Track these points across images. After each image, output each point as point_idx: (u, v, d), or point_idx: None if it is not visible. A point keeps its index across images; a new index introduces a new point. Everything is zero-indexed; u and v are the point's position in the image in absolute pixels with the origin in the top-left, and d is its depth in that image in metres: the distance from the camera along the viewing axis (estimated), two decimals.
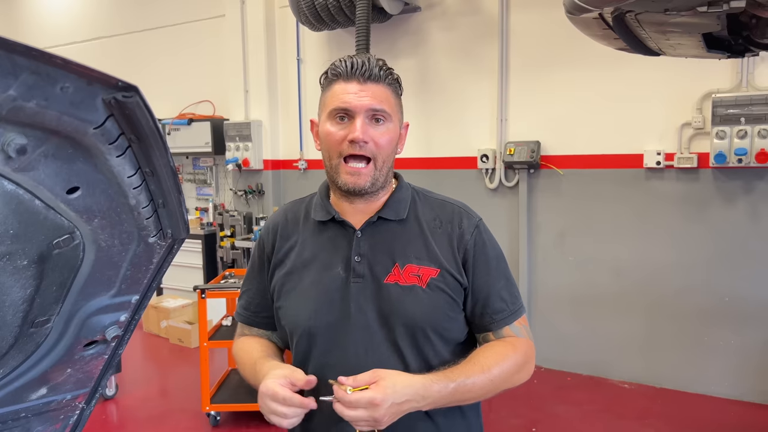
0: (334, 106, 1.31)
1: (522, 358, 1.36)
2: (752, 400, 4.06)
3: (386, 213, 1.38)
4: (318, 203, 1.43)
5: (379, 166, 1.32)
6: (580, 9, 1.82)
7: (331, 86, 1.35)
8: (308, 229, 1.43)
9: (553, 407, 4.05)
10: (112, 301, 0.97)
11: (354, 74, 1.31)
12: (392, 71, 1.35)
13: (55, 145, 0.68)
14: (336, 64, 1.34)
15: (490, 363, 1.30)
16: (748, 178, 3.98)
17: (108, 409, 4.22)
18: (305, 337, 1.36)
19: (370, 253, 1.35)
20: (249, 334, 1.53)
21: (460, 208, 1.44)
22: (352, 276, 1.34)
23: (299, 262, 1.40)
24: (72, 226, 0.79)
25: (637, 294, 4.39)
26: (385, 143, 1.32)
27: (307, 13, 4.91)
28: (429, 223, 1.39)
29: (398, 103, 1.37)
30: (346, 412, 1.17)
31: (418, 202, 1.43)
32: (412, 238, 1.37)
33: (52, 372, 1.00)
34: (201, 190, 6.60)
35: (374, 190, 1.35)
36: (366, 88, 1.30)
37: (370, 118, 1.30)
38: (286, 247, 1.43)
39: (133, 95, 0.65)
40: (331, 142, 1.32)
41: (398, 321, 1.31)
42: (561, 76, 4.53)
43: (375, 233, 1.37)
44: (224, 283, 4.07)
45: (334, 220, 1.39)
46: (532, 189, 4.73)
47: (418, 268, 1.34)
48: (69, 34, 7.20)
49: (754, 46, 2.13)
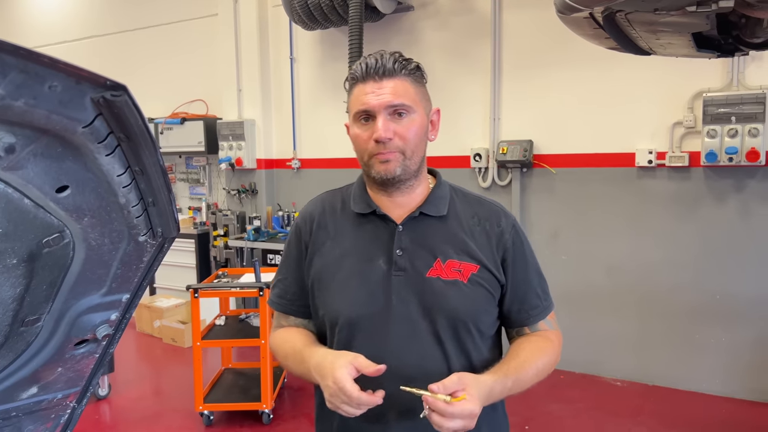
0: (356, 109, 1.34)
1: (557, 350, 1.46)
2: (743, 397, 4.09)
3: (427, 209, 1.41)
4: (357, 195, 1.45)
5: (408, 155, 1.34)
6: (570, 8, 1.83)
7: (352, 91, 1.37)
8: (346, 220, 1.45)
9: (546, 405, 4.07)
10: (102, 300, 0.97)
11: (369, 74, 1.32)
12: (408, 62, 1.36)
13: (44, 143, 0.68)
14: (353, 68, 1.36)
15: (535, 357, 1.38)
16: (738, 176, 4.01)
17: (101, 409, 4.21)
18: (346, 326, 1.38)
19: (411, 247, 1.38)
20: (286, 324, 1.53)
21: (497, 206, 1.48)
22: (393, 269, 1.37)
23: (338, 253, 1.42)
24: (62, 224, 0.79)
25: (629, 292, 4.42)
26: (411, 135, 1.33)
27: (300, 12, 4.91)
28: (468, 221, 1.43)
29: (421, 92, 1.38)
30: (446, 424, 1.17)
31: (456, 200, 1.46)
32: (452, 235, 1.40)
33: (42, 371, 1.00)
34: (194, 190, 6.59)
35: (407, 178, 1.37)
36: (382, 86, 1.31)
37: (392, 113, 1.32)
38: (324, 235, 1.45)
39: (121, 94, 0.66)
40: (359, 143, 1.36)
41: (441, 314, 1.35)
42: (553, 76, 4.54)
43: (416, 228, 1.40)
44: (217, 283, 4.06)
45: (375, 213, 1.41)
46: (524, 188, 4.75)
47: (459, 263, 1.37)
48: (61, 33, 7.16)
49: (744, 45, 2.14)
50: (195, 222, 6.24)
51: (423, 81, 1.40)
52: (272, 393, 3.88)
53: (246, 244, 5.54)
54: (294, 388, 4.45)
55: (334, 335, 1.41)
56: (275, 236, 5.58)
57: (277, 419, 3.92)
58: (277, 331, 1.54)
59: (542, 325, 1.46)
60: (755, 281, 4.00)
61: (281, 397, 4.27)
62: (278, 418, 3.94)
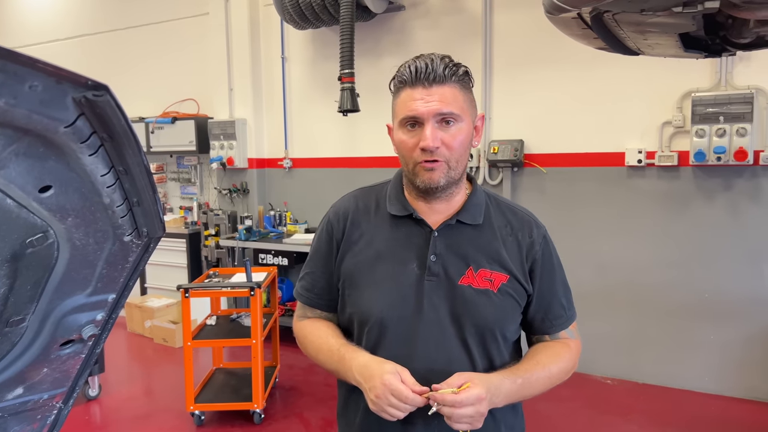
0: (403, 114, 1.33)
1: (575, 358, 1.48)
2: (733, 394, 4.12)
3: (464, 217, 1.42)
4: (393, 197, 1.46)
5: (453, 165, 1.34)
6: (558, 9, 1.84)
7: (399, 94, 1.36)
8: (381, 220, 1.45)
9: (536, 403, 4.05)
10: (88, 300, 0.96)
11: (419, 79, 1.31)
12: (458, 67, 1.34)
13: (26, 143, 0.67)
14: (401, 71, 1.35)
15: (549, 362, 1.41)
16: (727, 175, 4.03)
17: (91, 410, 4.19)
18: (377, 327, 1.39)
19: (446, 253, 1.39)
20: (311, 316, 1.53)
21: (529, 216, 1.50)
22: (426, 274, 1.38)
23: (372, 253, 1.43)
24: (45, 224, 0.79)
25: (620, 291, 4.44)
26: (457, 145, 1.33)
27: (292, 12, 4.90)
28: (501, 230, 1.45)
29: (468, 99, 1.37)
30: (456, 412, 1.21)
31: (491, 207, 1.47)
32: (485, 243, 1.42)
33: (28, 371, 1.00)
34: (185, 189, 6.57)
35: (449, 187, 1.38)
36: (432, 92, 1.30)
37: (440, 121, 1.31)
38: (356, 234, 1.46)
39: (103, 94, 0.65)
40: (404, 150, 1.36)
41: (470, 321, 1.37)
42: (544, 76, 4.56)
43: (451, 235, 1.41)
44: (208, 283, 4.05)
45: (411, 217, 1.42)
46: (515, 187, 4.76)
47: (491, 272, 1.39)
48: (52, 32, 7.12)
49: (731, 45, 2.16)
50: (186, 222, 6.22)
51: (471, 86, 1.39)
52: (263, 393, 3.87)
53: (237, 243, 5.53)
54: (285, 387, 4.44)
55: (362, 335, 1.42)
56: (266, 236, 5.57)
57: (268, 419, 3.92)
58: (304, 321, 1.54)
59: (563, 333, 1.49)
60: (744, 279, 4.03)
61: (273, 396, 4.27)
62: (269, 418, 3.94)
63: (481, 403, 1.23)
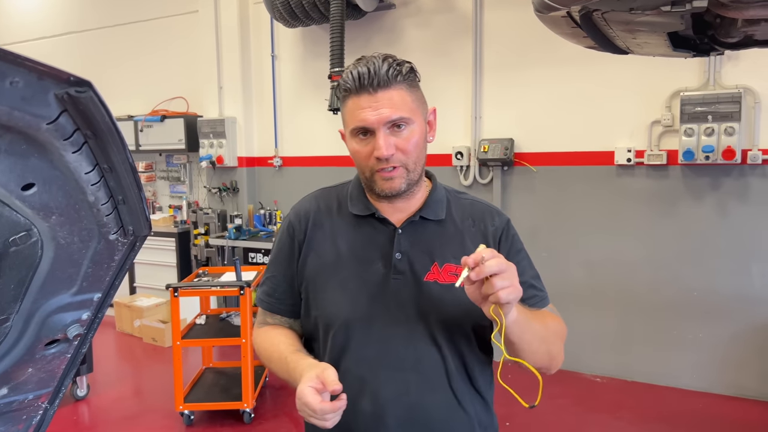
0: (353, 125, 1.30)
1: (563, 328, 1.42)
2: (720, 392, 4.15)
3: (427, 213, 1.40)
4: (355, 196, 1.43)
5: (411, 168, 1.33)
6: (548, 7, 1.84)
7: (345, 102, 1.33)
8: (343, 220, 1.43)
9: (526, 401, 4.09)
10: (73, 299, 0.95)
11: (363, 86, 1.28)
12: (402, 66, 1.30)
13: (8, 140, 0.66)
14: (344, 78, 1.32)
15: (542, 314, 1.37)
16: (715, 174, 4.06)
17: (80, 410, 4.16)
18: (342, 330, 1.36)
19: (411, 251, 1.37)
20: (272, 323, 1.49)
21: (489, 206, 1.48)
22: (392, 272, 1.35)
23: (335, 254, 1.40)
24: (29, 223, 0.78)
25: (609, 289, 4.46)
26: (412, 148, 1.31)
27: (282, 10, 4.89)
28: (463, 223, 1.43)
29: (417, 98, 1.34)
30: (488, 264, 1.11)
31: (451, 202, 1.45)
32: (449, 238, 1.40)
33: (13, 371, 0.98)
34: (174, 188, 6.53)
35: (410, 189, 1.36)
36: (378, 98, 1.27)
37: (391, 127, 1.29)
38: (319, 235, 1.43)
39: (86, 90, 0.65)
40: (359, 159, 1.34)
41: (438, 318, 1.34)
42: (534, 75, 4.57)
43: (415, 231, 1.39)
44: (198, 282, 4.03)
45: (374, 216, 1.40)
46: (506, 186, 4.77)
47: (456, 267, 1.35)
48: (39, 29, 7.06)
49: (719, 45, 2.17)
50: (175, 220, 6.19)
51: (418, 83, 1.36)
52: (253, 392, 3.86)
53: (227, 242, 5.51)
54: (275, 387, 4.43)
55: (328, 339, 1.39)
56: (256, 235, 5.55)
57: (258, 418, 3.91)
58: (262, 328, 1.50)
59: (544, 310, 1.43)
60: (732, 278, 4.06)
61: (262, 396, 4.25)
62: (259, 418, 3.92)
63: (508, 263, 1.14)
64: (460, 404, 1.36)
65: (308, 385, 1.19)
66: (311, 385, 1.19)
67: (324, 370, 1.21)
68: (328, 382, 1.19)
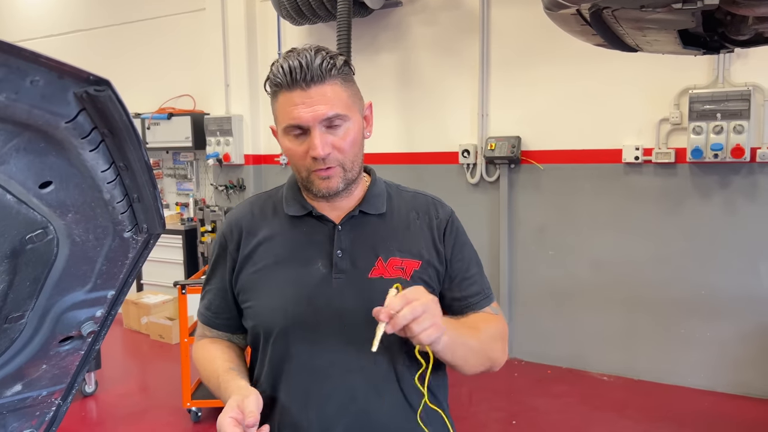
0: (286, 123, 1.25)
1: (502, 328, 1.39)
2: (727, 390, 4.14)
3: (366, 207, 1.35)
4: (290, 197, 1.38)
5: (348, 167, 1.28)
6: (558, 5, 1.84)
7: (276, 97, 1.27)
8: (279, 223, 1.37)
9: (532, 400, 4.09)
10: (87, 296, 0.96)
11: (295, 81, 1.21)
12: (335, 60, 1.24)
13: (27, 139, 0.67)
14: (274, 71, 1.25)
15: (476, 323, 1.33)
16: (723, 172, 4.04)
17: (87, 406, 4.18)
18: (282, 337, 1.30)
19: (352, 247, 1.32)
20: (210, 336, 1.46)
21: (433, 198, 1.45)
22: (334, 271, 1.30)
23: (271, 259, 1.34)
24: (45, 220, 0.79)
25: (616, 287, 4.45)
26: (349, 146, 1.26)
27: (288, 7, 4.89)
28: (406, 216, 1.39)
29: (352, 92, 1.28)
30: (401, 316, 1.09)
31: (393, 196, 1.42)
32: (392, 232, 1.35)
33: (27, 368, 0.99)
34: (181, 185, 6.55)
35: (348, 188, 1.32)
36: (311, 94, 1.21)
37: (326, 126, 1.23)
38: (253, 242, 1.36)
39: (105, 89, 0.65)
40: (294, 158, 1.28)
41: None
42: (541, 72, 4.56)
43: (356, 227, 1.34)
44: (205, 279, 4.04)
45: (311, 215, 1.35)
46: (512, 184, 4.76)
47: (401, 260, 1.32)
48: (47, 27, 7.08)
49: (729, 42, 2.16)
50: (182, 218, 6.21)
51: (352, 77, 1.30)
52: None
53: None
54: None
55: (268, 347, 1.32)
56: None
57: None
58: (200, 342, 1.46)
59: (486, 310, 1.40)
60: (740, 276, 4.05)
61: None
62: None
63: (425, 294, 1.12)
64: (412, 407, 1.30)
65: (228, 416, 1.14)
66: (231, 415, 1.14)
67: (245, 398, 1.16)
68: (246, 413, 1.13)
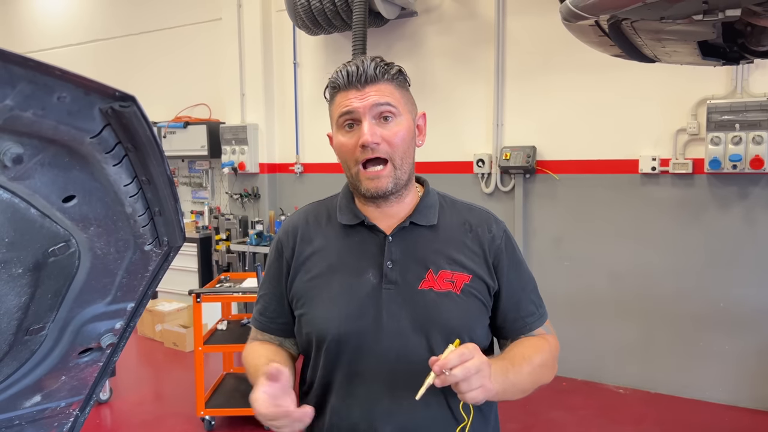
0: (339, 112, 1.28)
1: (554, 352, 1.40)
2: (747, 405, 4.07)
3: (418, 218, 1.35)
4: (343, 206, 1.39)
5: (398, 165, 1.28)
6: (576, 16, 1.83)
7: (333, 100, 1.32)
8: (332, 232, 1.39)
9: (548, 412, 4.05)
10: (107, 309, 0.96)
11: (351, 83, 1.27)
12: (390, 66, 1.30)
13: (52, 153, 0.67)
14: (333, 77, 1.31)
15: (529, 353, 1.32)
16: (742, 184, 4.00)
17: (102, 414, 4.20)
18: (334, 344, 1.31)
19: (402, 258, 1.32)
20: (261, 339, 1.47)
21: (487, 213, 1.44)
22: (384, 282, 1.31)
23: (325, 267, 1.36)
24: (68, 234, 0.79)
25: (633, 299, 4.40)
26: (399, 141, 1.27)
27: (304, 17, 4.92)
28: (458, 228, 1.38)
29: (405, 96, 1.32)
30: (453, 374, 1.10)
31: (445, 207, 1.41)
32: (443, 244, 1.35)
33: (46, 379, 1.00)
34: (196, 194, 6.59)
35: (398, 190, 1.31)
36: (366, 92, 1.26)
37: (378, 117, 1.26)
38: (308, 250, 1.38)
39: (130, 105, 0.65)
40: (345, 152, 1.29)
41: (435, 327, 1.29)
42: (557, 82, 4.54)
43: (406, 238, 1.34)
44: (219, 287, 4.06)
45: (363, 224, 1.35)
46: (528, 194, 4.74)
47: (452, 273, 1.32)
48: (65, 37, 7.18)
49: (749, 53, 2.14)
50: (197, 226, 6.25)
51: (407, 85, 1.34)
52: None
53: (248, 248, 5.53)
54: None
55: (320, 355, 1.35)
56: None
57: None
58: (250, 343, 1.48)
59: (539, 330, 1.40)
60: (759, 289, 3.99)
61: None
62: None
63: (482, 360, 1.12)
64: (457, 420, 1.31)
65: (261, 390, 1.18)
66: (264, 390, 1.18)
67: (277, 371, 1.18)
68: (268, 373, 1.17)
